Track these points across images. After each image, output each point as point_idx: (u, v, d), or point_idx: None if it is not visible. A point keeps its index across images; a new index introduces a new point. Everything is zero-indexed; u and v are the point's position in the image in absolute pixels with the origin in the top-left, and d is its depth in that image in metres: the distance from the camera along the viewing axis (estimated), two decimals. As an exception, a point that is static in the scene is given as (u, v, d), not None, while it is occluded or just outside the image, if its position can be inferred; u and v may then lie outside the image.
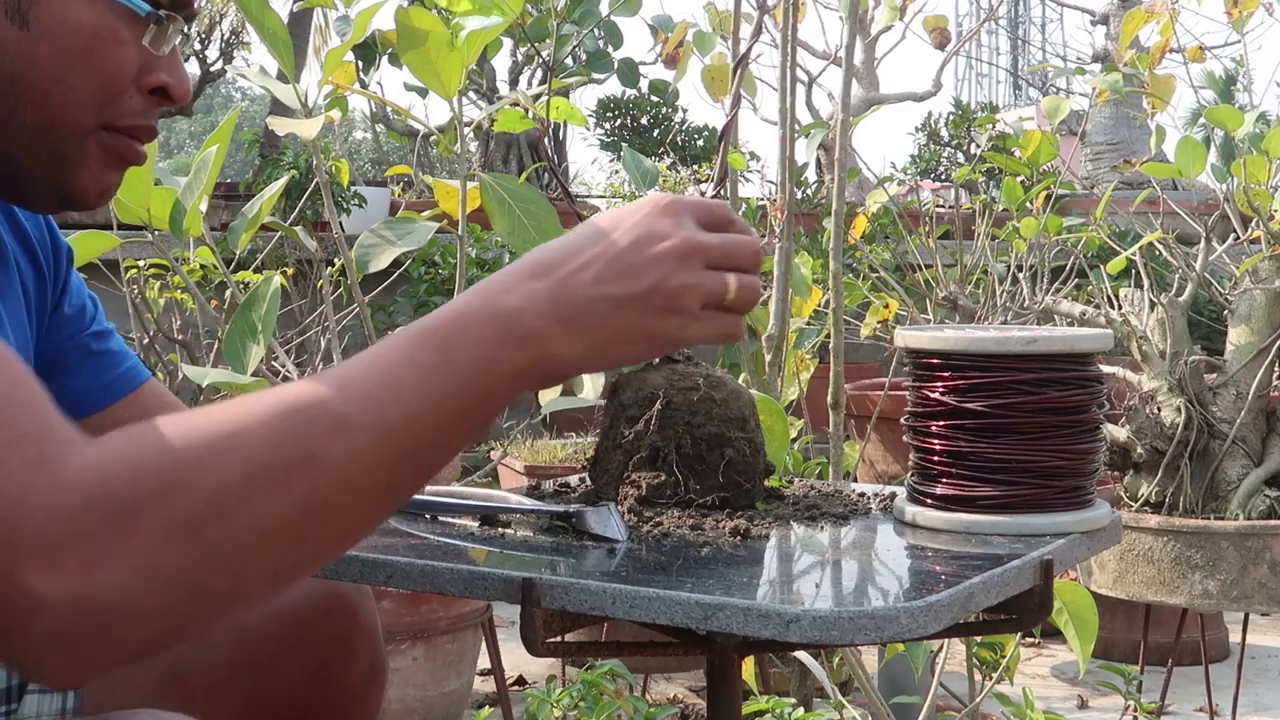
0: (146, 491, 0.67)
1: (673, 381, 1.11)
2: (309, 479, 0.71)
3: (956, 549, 1.02)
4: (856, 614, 0.82)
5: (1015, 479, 1.08)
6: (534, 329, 0.81)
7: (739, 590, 0.88)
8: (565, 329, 0.82)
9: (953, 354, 1.10)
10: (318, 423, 0.72)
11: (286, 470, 0.71)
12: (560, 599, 0.92)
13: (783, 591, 0.92)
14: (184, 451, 0.69)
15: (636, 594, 0.88)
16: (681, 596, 0.86)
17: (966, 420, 1.09)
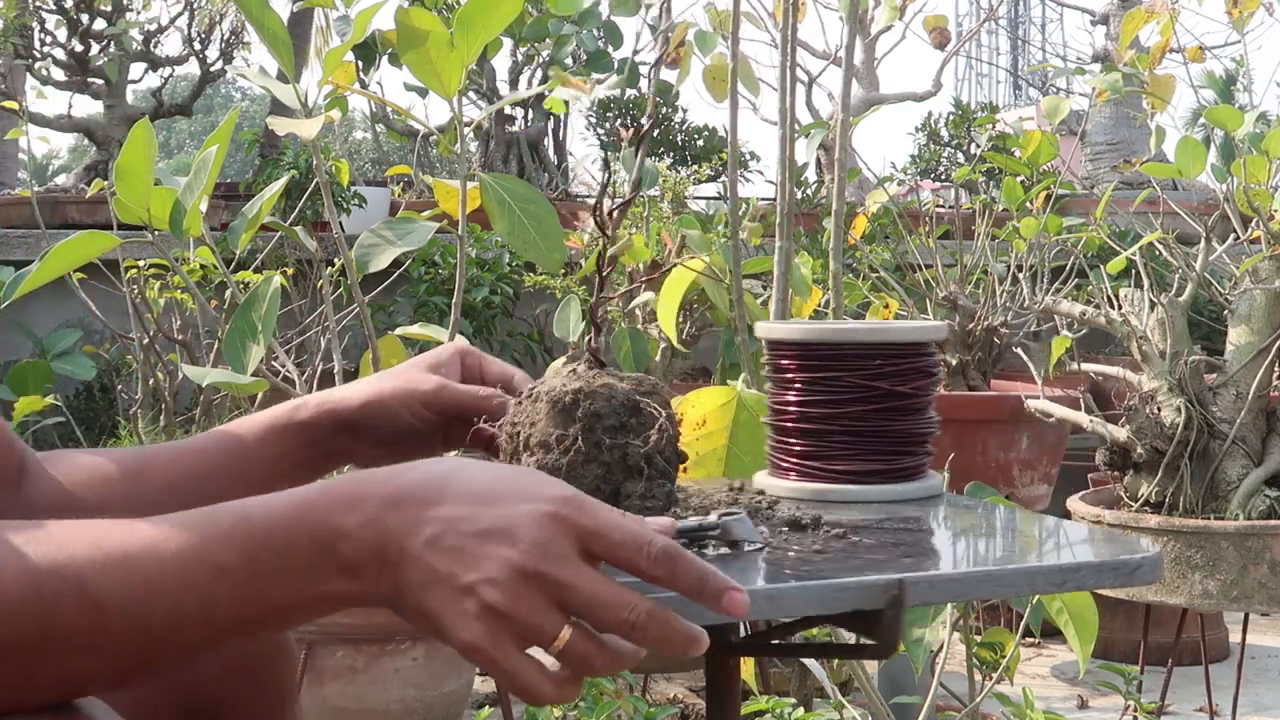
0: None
1: (638, 388, 1.09)
2: (42, 642, 0.69)
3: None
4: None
5: (858, 453, 1.19)
6: (355, 560, 0.73)
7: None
8: (380, 573, 0.73)
9: (802, 343, 1.21)
10: (71, 597, 0.69)
11: (17, 632, 0.68)
12: (925, 594, 0.91)
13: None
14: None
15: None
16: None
17: (816, 397, 1.19)
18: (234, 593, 0.72)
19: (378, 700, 2.43)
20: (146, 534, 0.72)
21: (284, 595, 0.73)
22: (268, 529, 0.73)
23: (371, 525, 0.74)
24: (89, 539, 0.71)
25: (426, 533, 0.73)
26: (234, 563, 0.72)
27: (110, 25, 4.67)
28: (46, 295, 3.99)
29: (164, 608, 0.71)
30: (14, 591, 0.68)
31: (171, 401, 3.11)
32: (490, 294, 3.95)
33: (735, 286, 2.21)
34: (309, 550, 0.73)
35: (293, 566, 0.73)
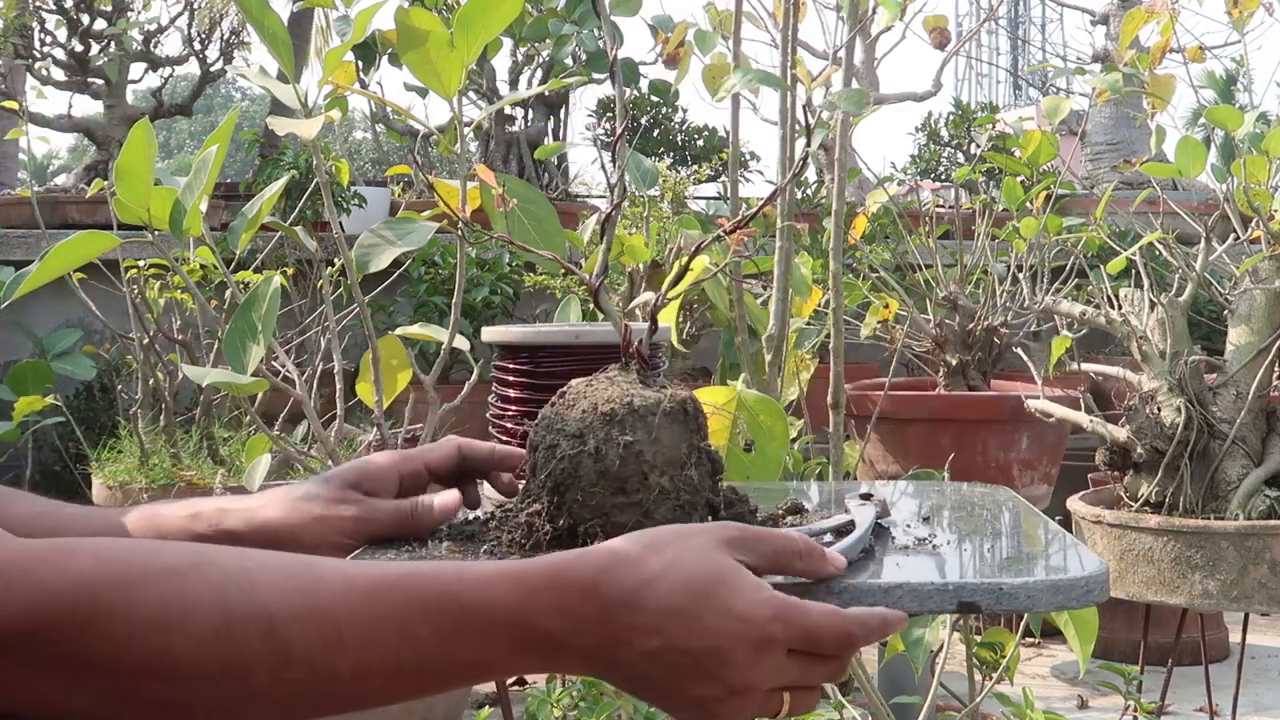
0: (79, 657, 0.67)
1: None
2: (223, 686, 0.70)
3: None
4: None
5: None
6: (554, 653, 0.75)
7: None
8: (585, 665, 0.76)
9: (521, 345, 1.23)
10: (258, 639, 0.70)
11: (202, 670, 0.69)
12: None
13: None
14: (114, 630, 0.67)
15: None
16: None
17: (539, 395, 1.18)
18: (420, 663, 0.72)
19: (378, 700, 2.43)
20: (339, 584, 0.72)
21: (468, 673, 0.75)
22: (466, 611, 0.73)
23: (575, 633, 0.74)
24: (280, 580, 0.71)
25: (645, 645, 0.75)
26: (427, 636, 0.72)
27: (110, 25, 4.68)
28: (46, 295, 3.99)
29: (349, 664, 0.71)
30: (205, 626, 0.69)
31: (171, 401, 3.11)
32: (490, 294, 3.95)
33: (735, 286, 2.21)
34: (504, 643, 0.74)
35: (486, 653, 0.74)
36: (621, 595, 0.75)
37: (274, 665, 0.70)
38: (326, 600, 0.71)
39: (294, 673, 0.70)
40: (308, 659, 0.70)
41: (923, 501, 1.20)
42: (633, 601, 0.75)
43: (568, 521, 0.97)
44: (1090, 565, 0.89)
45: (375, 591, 0.73)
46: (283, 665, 0.70)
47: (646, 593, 0.75)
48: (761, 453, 1.51)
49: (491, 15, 1.40)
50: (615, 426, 0.94)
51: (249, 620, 0.69)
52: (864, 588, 0.86)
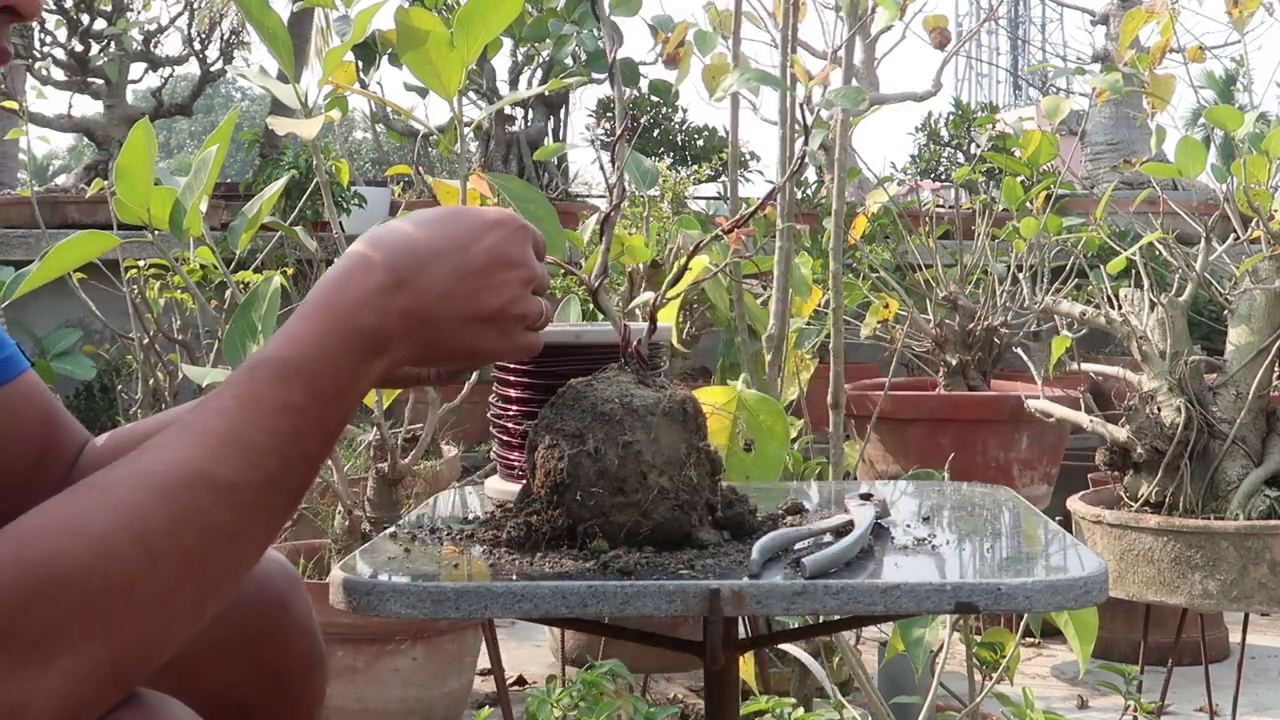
0: (60, 620, 0.69)
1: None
2: (206, 548, 0.75)
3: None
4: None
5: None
6: (388, 344, 0.86)
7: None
8: (410, 341, 0.87)
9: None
10: (206, 494, 0.75)
11: (186, 548, 0.74)
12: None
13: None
14: (83, 558, 0.70)
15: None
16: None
17: (540, 395, 1.17)
18: (309, 419, 0.82)
19: (378, 700, 2.43)
20: (217, 413, 0.80)
21: (344, 400, 0.84)
22: (309, 359, 0.83)
23: (387, 314, 0.86)
24: (180, 442, 0.77)
25: (436, 291, 0.88)
26: (300, 399, 0.81)
27: (110, 25, 4.68)
28: (46, 295, 3.99)
29: (275, 464, 0.79)
30: (162, 515, 0.73)
31: (171, 401, 3.11)
32: (490, 294, 3.94)
33: (735, 286, 2.21)
34: (348, 358, 0.85)
35: (343, 378, 0.84)
36: (395, 248, 0.88)
37: (230, 504, 0.76)
38: (224, 429, 0.79)
39: (245, 498, 0.77)
40: (247, 481, 0.77)
41: (923, 501, 1.20)
42: (403, 247, 0.88)
43: (566, 521, 0.97)
44: (1089, 566, 0.89)
45: (244, 397, 0.81)
46: (234, 500, 0.77)
47: (412, 236, 0.89)
48: (761, 453, 1.51)
49: (491, 15, 1.40)
50: (614, 426, 0.95)
51: (187, 484, 0.75)
52: (862, 588, 0.86)
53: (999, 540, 1.04)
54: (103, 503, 0.73)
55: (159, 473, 0.75)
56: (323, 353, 0.84)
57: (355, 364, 0.85)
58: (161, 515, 0.73)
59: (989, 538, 1.03)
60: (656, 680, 3.04)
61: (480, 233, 0.91)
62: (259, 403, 0.80)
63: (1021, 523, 1.11)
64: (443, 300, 0.88)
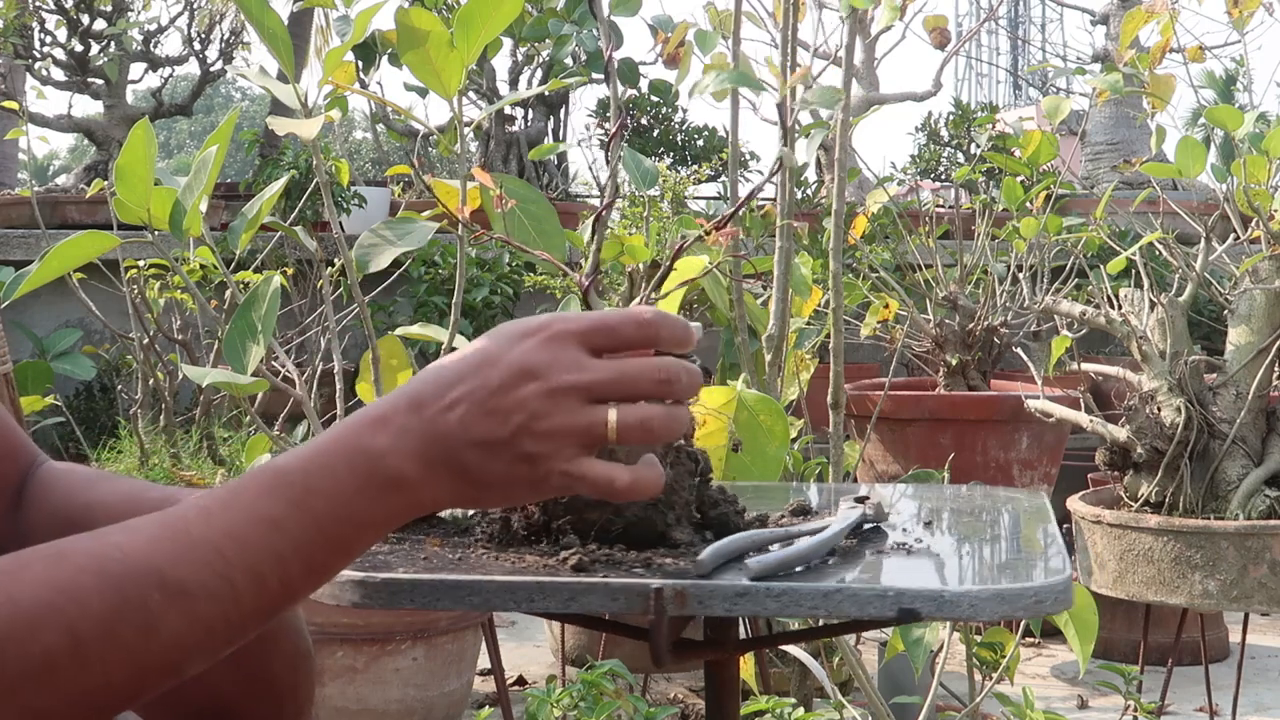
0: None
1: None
2: (146, 646, 0.70)
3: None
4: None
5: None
6: (400, 472, 0.75)
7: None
8: (433, 473, 0.76)
9: None
10: (156, 591, 0.70)
11: (121, 642, 0.69)
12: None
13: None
14: (6, 628, 0.67)
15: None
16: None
17: None
18: (296, 543, 0.74)
19: (378, 700, 2.43)
20: (198, 513, 0.74)
21: (343, 529, 0.75)
22: (304, 474, 0.75)
23: (403, 435, 0.76)
24: (147, 534, 0.72)
25: (454, 416, 0.76)
26: (285, 514, 0.74)
27: (110, 25, 4.68)
28: (46, 295, 3.99)
29: (241, 577, 0.72)
30: (103, 605, 0.69)
31: (171, 401, 3.11)
32: (490, 294, 3.95)
33: (735, 286, 2.21)
34: (350, 479, 0.75)
35: (342, 500, 0.75)
36: (423, 379, 0.78)
37: (181, 610, 0.70)
38: (197, 531, 0.72)
39: (201, 608, 0.71)
40: (205, 590, 0.71)
41: (922, 504, 1.20)
42: (432, 378, 0.78)
43: (542, 518, 0.98)
44: (1052, 576, 0.88)
45: (229, 502, 0.74)
46: (188, 607, 0.71)
47: (444, 365, 0.79)
48: (761, 453, 1.51)
49: (491, 15, 1.40)
50: None
51: (139, 582, 0.70)
52: (803, 591, 0.86)
53: (992, 545, 1.03)
54: (45, 578, 0.69)
55: (114, 559, 0.70)
56: (321, 470, 0.75)
57: (363, 492, 0.75)
58: (101, 606, 0.69)
59: (983, 543, 1.03)
60: (656, 680, 3.04)
61: (510, 343, 0.78)
62: (241, 510, 0.73)
63: (1022, 527, 1.11)
64: (462, 424, 0.76)
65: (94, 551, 0.71)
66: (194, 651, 0.72)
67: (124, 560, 0.70)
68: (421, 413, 0.76)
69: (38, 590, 0.69)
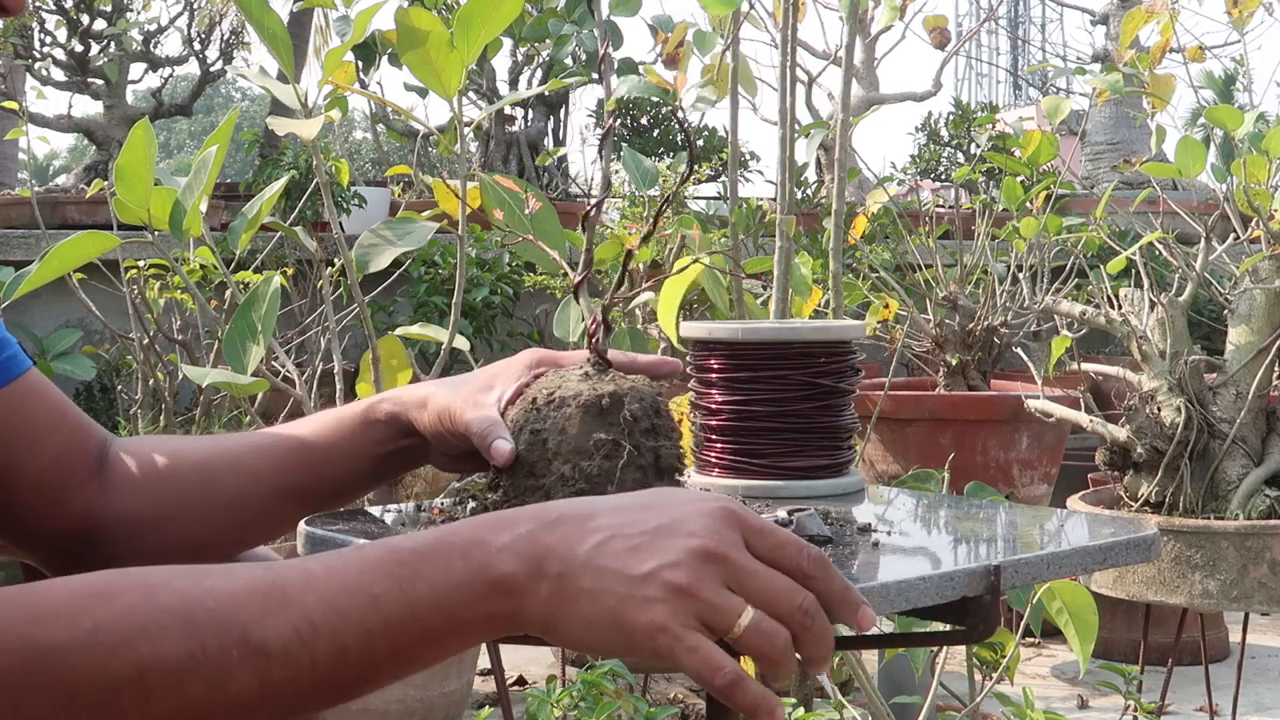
0: (36, 703, 0.65)
1: (650, 387, 1.08)
2: (211, 704, 0.68)
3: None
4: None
5: (795, 449, 1.20)
6: (510, 574, 0.72)
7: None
8: (542, 584, 0.72)
9: (721, 342, 1.23)
10: (234, 648, 0.68)
11: (187, 696, 0.68)
12: (1013, 578, 0.91)
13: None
14: (78, 639, 0.67)
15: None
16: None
17: (744, 395, 1.21)
18: (388, 622, 0.71)
19: (378, 700, 2.43)
20: (300, 574, 0.72)
21: (438, 620, 0.72)
22: (416, 554, 0.72)
23: (527, 540, 0.73)
24: (242, 586, 0.71)
25: (591, 541, 0.73)
26: (386, 590, 0.71)
27: (110, 25, 4.68)
28: (46, 295, 3.99)
29: (325, 646, 0.70)
30: (178, 651, 0.68)
31: (171, 401, 3.11)
32: (490, 294, 3.95)
33: (735, 286, 2.21)
34: (462, 570, 0.72)
35: (445, 589, 0.72)
36: (574, 502, 0.76)
37: (255, 669, 0.69)
38: (291, 591, 0.71)
39: (276, 671, 0.69)
40: (284, 653, 0.69)
41: (919, 507, 1.20)
42: (586, 501, 0.76)
43: (502, 502, 1.01)
44: (891, 574, 0.88)
45: (333, 567, 0.72)
46: (263, 668, 0.69)
47: (602, 497, 0.77)
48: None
49: (491, 15, 1.40)
50: (534, 415, 0.99)
51: (221, 633, 0.69)
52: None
53: (890, 554, 0.99)
54: (132, 611, 0.68)
55: (202, 607, 0.69)
56: (434, 554, 0.72)
57: (468, 585, 0.71)
58: (177, 651, 0.68)
59: (893, 552, 0.99)
60: (656, 680, 3.04)
61: (679, 502, 0.75)
62: (344, 578, 0.71)
63: (955, 531, 1.10)
64: (597, 549, 0.72)
65: (185, 593, 0.70)
66: (259, 712, 0.70)
67: (212, 610, 0.69)
68: (556, 527, 0.73)
69: (122, 623, 0.68)
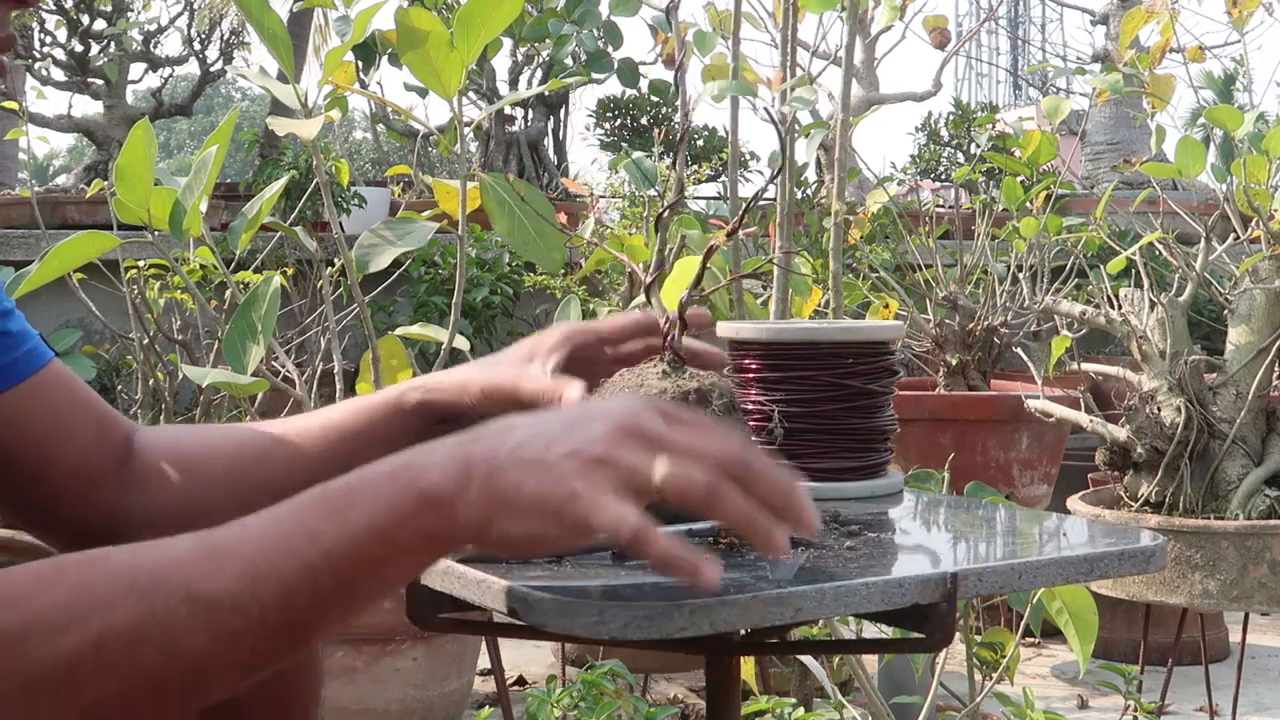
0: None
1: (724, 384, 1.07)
2: (166, 665, 0.69)
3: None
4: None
5: (830, 450, 1.19)
6: (437, 486, 0.72)
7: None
8: (468, 490, 0.72)
9: (766, 343, 1.22)
10: (182, 605, 0.69)
11: (141, 661, 0.69)
12: (975, 586, 0.90)
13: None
14: (28, 621, 0.68)
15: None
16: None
17: (781, 396, 1.20)
18: (329, 555, 0.71)
19: (378, 700, 2.43)
20: (237, 528, 0.73)
21: (376, 545, 0.72)
22: (347, 488, 0.74)
23: (450, 454, 0.74)
24: (184, 546, 0.72)
25: (512, 441, 0.74)
26: (322, 525, 0.72)
27: (110, 25, 4.68)
28: (46, 295, 3.98)
29: (271, 590, 0.70)
30: (129, 620, 0.69)
31: (171, 401, 3.11)
32: (490, 294, 3.95)
33: (735, 286, 2.21)
34: (391, 492, 0.73)
35: (378, 512, 0.72)
36: (492, 424, 0.77)
37: (205, 624, 0.69)
38: (231, 543, 0.72)
39: (226, 623, 0.70)
40: (233, 604, 0.70)
41: (918, 507, 1.21)
42: (504, 423, 0.77)
43: None
44: (781, 572, 0.87)
45: (268, 516, 0.74)
46: (214, 621, 0.69)
47: (516, 417, 0.77)
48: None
49: (491, 15, 1.40)
50: None
51: (168, 594, 0.69)
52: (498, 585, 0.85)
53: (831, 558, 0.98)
54: (78, 585, 0.70)
55: (144, 570, 0.70)
56: (365, 484, 0.73)
57: (398, 505, 0.72)
58: (126, 617, 0.69)
59: (862, 554, 0.98)
60: (656, 680, 3.04)
61: (598, 404, 0.78)
62: (279, 522, 0.73)
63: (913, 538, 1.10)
64: (518, 445, 0.73)
65: (126, 563, 0.71)
66: (216, 669, 0.71)
67: (154, 572, 0.70)
68: (479, 440, 0.74)
69: (69, 596, 0.69)
